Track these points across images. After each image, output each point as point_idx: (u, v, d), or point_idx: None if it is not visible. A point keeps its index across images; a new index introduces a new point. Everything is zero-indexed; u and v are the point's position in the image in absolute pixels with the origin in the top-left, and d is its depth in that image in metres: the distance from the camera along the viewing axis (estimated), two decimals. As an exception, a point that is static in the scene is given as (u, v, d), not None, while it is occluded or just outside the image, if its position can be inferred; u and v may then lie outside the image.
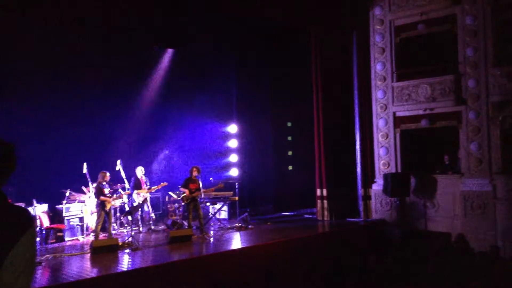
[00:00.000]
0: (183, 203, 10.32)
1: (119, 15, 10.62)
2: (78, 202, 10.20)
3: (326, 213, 12.44)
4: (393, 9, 12.35)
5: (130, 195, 10.73)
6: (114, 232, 10.14)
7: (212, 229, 10.99)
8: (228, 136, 14.75)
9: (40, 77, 10.36)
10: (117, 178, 10.31)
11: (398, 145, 12.24)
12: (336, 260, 9.12)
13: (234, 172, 14.50)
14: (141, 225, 10.86)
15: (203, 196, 10.25)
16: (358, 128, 12.84)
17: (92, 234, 9.92)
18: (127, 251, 8.56)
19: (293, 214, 13.83)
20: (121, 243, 8.78)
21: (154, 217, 11.32)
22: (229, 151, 14.72)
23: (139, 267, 7.38)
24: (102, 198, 9.19)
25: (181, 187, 10.30)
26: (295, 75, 14.02)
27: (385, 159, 12.41)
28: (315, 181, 12.75)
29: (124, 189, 10.37)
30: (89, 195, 10.26)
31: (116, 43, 11.52)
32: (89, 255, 8.29)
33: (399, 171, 12.10)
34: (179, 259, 7.95)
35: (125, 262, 7.89)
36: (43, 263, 7.63)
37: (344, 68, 12.97)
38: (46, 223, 9.39)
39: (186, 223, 10.35)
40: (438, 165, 12.10)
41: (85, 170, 9.90)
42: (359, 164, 12.77)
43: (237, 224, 11.09)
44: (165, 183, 11.17)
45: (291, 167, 15.28)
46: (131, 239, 8.94)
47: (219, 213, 12.24)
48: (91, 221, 10.22)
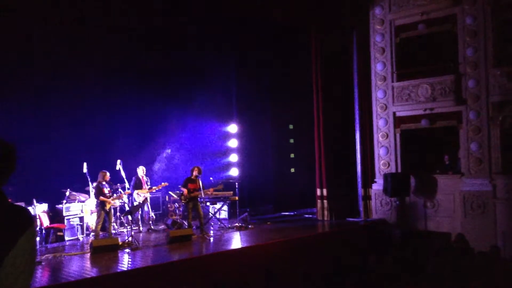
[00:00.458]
0: (182, 201, 10.31)
1: (119, 15, 10.62)
2: (78, 201, 10.20)
3: (326, 213, 12.45)
4: (393, 9, 12.35)
5: (130, 195, 10.74)
6: (114, 231, 10.14)
7: (212, 229, 10.99)
8: (228, 136, 14.76)
9: (40, 77, 10.36)
10: (117, 178, 10.32)
11: (398, 145, 12.25)
12: (336, 260, 9.12)
13: (234, 172, 14.51)
14: (141, 225, 10.87)
15: (203, 196, 10.25)
16: (358, 128, 12.84)
17: (92, 233, 9.93)
18: (127, 250, 8.56)
19: (293, 214, 13.84)
20: (121, 243, 8.78)
21: (154, 217, 11.33)
22: (229, 151, 14.73)
23: (139, 266, 7.39)
24: (101, 198, 9.19)
25: (181, 187, 10.32)
26: (295, 75, 14.02)
27: (385, 159, 12.42)
28: (315, 181, 12.76)
29: (124, 189, 10.37)
30: (91, 194, 10.27)
31: (116, 43, 11.52)
32: (89, 254, 8.29)
33: (399, 171, 12.11)
34: (179, 259, 7.95)
35: (125, 261, 7.90)
36: (43, 263, 7.63)
37: (344, 68, 12.97)
38: (46, 222, 9.38)
39: (186, 223, 10.36)
40: (438, 165, 12.10)
41: (85, 169, 9.91)
42: (359, 164, 12.77)
43: (237, 224, 11.09)
44: (166, 183, 11.18)
45: (293, 169, 15.29)
46: (131, 239, 8.94)
47: (219, 213, 12.25)
48: (91, 220, 10.22)
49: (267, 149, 14.94)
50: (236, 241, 9.62)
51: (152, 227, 10.97)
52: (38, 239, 8.86)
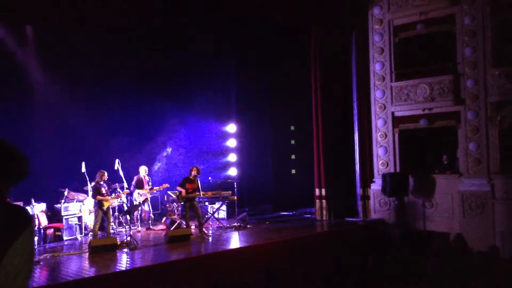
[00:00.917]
0: (179, 201, 10.28)
1: (119, 15, 10.62)
2: (76, 201, 10.19)
3: (325, 212, 12.45)
4: (392, 9, 12.36)
5: (131, 194, 10.74)
6: (112, 231, 10.13)
7: (210, 228, 10.99)
8: (227, 135, 14.76)
9: (39, 77, 10.37)
10: (115, 177, 10.31)
11: (396, 145, 12.25)
12: (335, 260, 9.13)
13: (233, 171, 14.51)
14: (139, 225, 10.87)
15: (201, 196, 10.24)
16: (357, 127, 12.84)
17: (90, 233, 9.92)
18: (126, 250, 8.55)
19: (291, 213, 13.83)
20: (119, 243, 8.78)
21: (153, 217, 11.32)
22: (228, 150, 14.73)
23: (138, 266, 7.39)
24: (99, 197, 9.18)
25: (178, 186, 10.28)
26: (295, 75, 14.02)
27: (383, 159, 12.42)
28: (313, 180, 12.76)
29: (122, 188, 10.37)
30: (89, 194, 10.27)
31: (116, 43, 11.52)
32: (87, 254, 8.28)
33: (398, 171, 12.11)
34: (177, 259, 7.94)
35: (124, 261, 7.89)
36: (41, 263, 7.63)
37: (343, 68, 12.97)
38: (44, 222, 9.37)
39: (184, 223, 10.36)
40: (436, 165, 12.11)
41: (84, 169, 9.90)
42: (358, 163, 12.78)
43: (235, 223, 11.09)
44: (167, 184, 11.20)
45: (294, 170, 15.30)
46: (129, 239, 8.94)
47: (217, 212, 12.25)
48: (90, 220, 10.22)
49: (266, 149, 14.95)
50: (234, 241, 9.62)
51: (150, 227, 10.97)
52: (36, 238, 8.86)
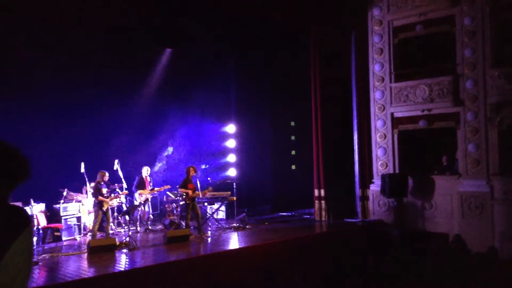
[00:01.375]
0: (186, 202, 10.21)
1: (119, 15, 10.61)
2: (75, 201, 10.18)
3: (324, 213, 12.45)
4: (391, 10, 12.36)
5: (131, 195, 10.73)
6: (111, 231, 10.12)
7: (209, 229, 10.98)
8: (226, 136, 14.76)
9: (39, 77, 10.35)
10: (115, 177, 10.30)
11: (396, 146, 12.25)
12: (335, 260, 9.12)
13: (232, 172, 14.50)
14: (138, 225, 10.85)
15: (201, 196, 10.24)
16: (356, 128, 12.84)
17: (89, 233, 9.91)
18: (125, 251, 8.54)
19: (291, 214, 13.83)
20: (118, 243, 8.76)
21: (152, 217, 11.31)
22: (227, 151, 14.73)
23: (137, 267, 7.37)
24: (100, 198, 9.16)
25: (180, 188, 10.24)
26: (295, 75, 14.02)
27: (383, 160, 12.42)
28: (313, 181, 12.75)
29: (122, 188, 10.36)
30: (88, 194, 10.25)
31: (116, 43, 11.51)
32: (86, 254, 8.27)
33: (397, 171, 12.11)
34: (176, 259, 7.94)
35: (123, 262, 7.88)
36: (40, 263, 7.61)
37: (343, 68, 12.97)
38: (43, 222, 9.36)
39: (183, 223, 10.35)
40: (436, 166, 12.11)
41: (83, 169, 9.88)
42: (357, 164, 12.78)
43: (234, 224, 11.08)
44: (168, 186, 11.19)
45: (294, 166, 15.29)
46: (128, 239, 8.93)
47: (216, 213, 12.24)
48: (89, 220, 10.21)
49: (265, 150, 14.95)
50: (234, 242, 9.61)
51: (149, 227, 10.96)
52: (35, 239, 8.83)
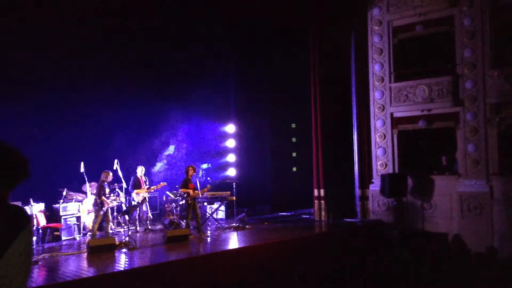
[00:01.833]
0: (188, 202, 10.19)
1: (119, 15, 10.60)
2: (75, 201, 10.17)
3: (323, 213, 12.46)
4: (391, 10, 12.37)
5: (129, 194, 10.71)
6: (111, 231, 10.11)
7: (209, 229, 10.98)
8: (226, 136, 14.75)
9: (38, 77, 10.33)
10: (114, 177, 10.29)
11: (395, 146, 12.26)
12: (334, 260, 9.13)
13: (231, 172, 14.50)
14: (138, 225, 10.85)
15: (200, 195, 10.24)
16: (355, 128, 12.85)
17: (89, 233, 9.90)
18: (124, 250, 8.54)
19: (290, 214, 13.84)
20: (118, 243, 8.76)
21: (151, 217, 11.31)
22: (227, 151, 14.72)
23: (136, 266, 7.37)
24: (103, 198, 9.16)
25: (181, 188, 10.23)
26: (295, 75, 14.02)
27: (382, 160, 12.43)
28: (312, 181, 12.76)
29: (121, 188, 10.35)
30: (88, 194, 10.24)
31: (115, 43, 11.50)
32: (86, 254, 8.27)
33: (397, 171, 12.12)
34: (176, 259, 7.94)
35: (122, 261, 7.88)
36: (40, 263, 7.61)
37: (342, 68, 12.98)
38: (42, 222, 9.35)
39: (183, 223, 10.34)
40: (435, 166, 12.12)
41: (83, 169, 9.88)
42: (357, 164, 12.79)
43: (234, 224, 11.08)
44: (164, 183, 11.17)
45: (295, 168, 15.29)
46: (128, 239, 8.92)
47: (216, 213, 12.24)
48: (88, 220, 10.20)
49: (265, 150, 14.95)
50: (233, 241, 9.62)
51: (149, 227, 10.96)
52: (34, 238, 8.83)
